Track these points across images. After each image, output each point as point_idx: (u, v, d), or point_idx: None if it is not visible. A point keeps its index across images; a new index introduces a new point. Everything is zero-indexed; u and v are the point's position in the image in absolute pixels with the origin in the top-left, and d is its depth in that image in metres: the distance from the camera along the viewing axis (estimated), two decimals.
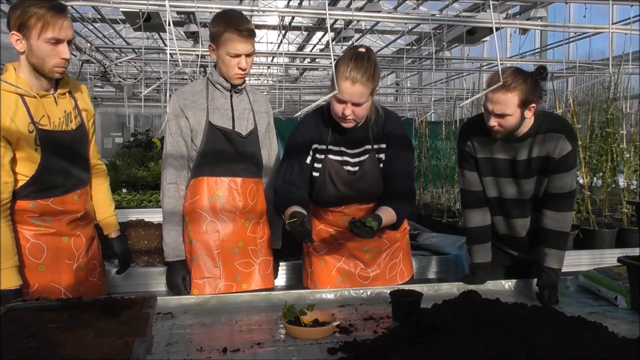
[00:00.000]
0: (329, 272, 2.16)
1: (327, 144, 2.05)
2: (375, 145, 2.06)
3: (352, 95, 1.87)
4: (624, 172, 3.76)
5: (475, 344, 1.14)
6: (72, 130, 1.90)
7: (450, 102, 7.84)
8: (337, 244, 2.16)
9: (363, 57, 1.88)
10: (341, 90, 1.86)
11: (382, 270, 2.18)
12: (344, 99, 1.88)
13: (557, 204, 2.01)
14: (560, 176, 1.99)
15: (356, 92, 1.86)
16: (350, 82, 1.85)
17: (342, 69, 1.86)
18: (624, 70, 4.85)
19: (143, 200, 5.06)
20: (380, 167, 2.06)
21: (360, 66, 1.85)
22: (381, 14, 5.35)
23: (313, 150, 2.05)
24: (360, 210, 2.09)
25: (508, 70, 1.92)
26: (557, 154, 1.96)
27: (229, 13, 2.10)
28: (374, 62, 1.90)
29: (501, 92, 1.87)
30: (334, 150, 2.06)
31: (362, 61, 1.86)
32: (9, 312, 1.37)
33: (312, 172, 2.06)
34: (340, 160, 2.06)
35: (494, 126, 1.94)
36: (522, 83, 1.88)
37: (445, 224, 3.97)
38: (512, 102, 1.88)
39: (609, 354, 1.16)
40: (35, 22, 1.70)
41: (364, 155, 2.06)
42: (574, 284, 2.05)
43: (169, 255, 2.14)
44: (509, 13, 6.69)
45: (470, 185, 2.17)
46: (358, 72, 1.84)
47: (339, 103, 1.90)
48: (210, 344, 1.45)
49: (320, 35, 9.21)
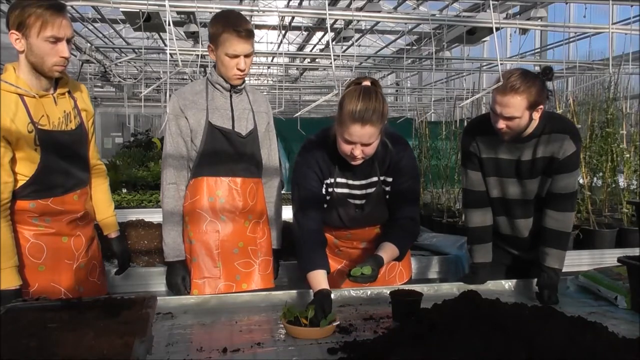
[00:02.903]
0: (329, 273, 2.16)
1: (335, 177, 1.97)
2: (382, 177, 1.98)
3: (361, 137, 1.75)
4: (624, 172, 3.76)
5: (475, 344, 1.14)
6: (71, 130, 1.90)
7: (450, 102, 7.84)
8: (337, 251, 2.16)
9: (371, 95, 1.74)
10: (350, 133, 1.74)
11: (381, 273, 2.17)
12: (353, 141, 1.77)
13: (559, 204, 2.02)
14: (563, 176, 2.00)
15: (366, 133, 1.74)
16: (360, 124, 1.72)
17: (349, 109, 1.73)
18: (624, 70, 4.85)
19: (143, 200, 5.06)
20: (386, 198, 2.00)
21: (369, 106, 1.72)
22: (381, 14, 5.35)
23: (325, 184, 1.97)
24: (364, 232, 2.07)
25: (516, 72, 1.90)
26: (561, 154, 1.97)
27: (227, 14, 2.10)
28: (382, 97, 1.77)
29: (510, 95, 1.87)
30: (341, 183, 1.98)
31: (371, 99, 1.73)
32: (9, 312, 1.37)
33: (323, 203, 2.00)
34: (347, 194, 1.99)
35: (502, 128, 1.94)
36: (530, 86, 1.87)
37: (445, 224, 3.97)
38: (520, 105, 1.87)
39: (609, 354, 1.15)
40: (34, 21, 1.70)
41: (371, 188, 1.98)
42: (574, 284, 2.05)
43: (169, 256, 2.14)
44: (509, 13, 6.69)
45: (473, 185, 2.17)
46: (367, 112, 1.71)
47: (347, 144, 1.79)
48: (210, 344, 1.45)
49: (320, 35, 9.20)
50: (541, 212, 2.08)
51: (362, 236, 2.08)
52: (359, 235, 2.08)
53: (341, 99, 1.80)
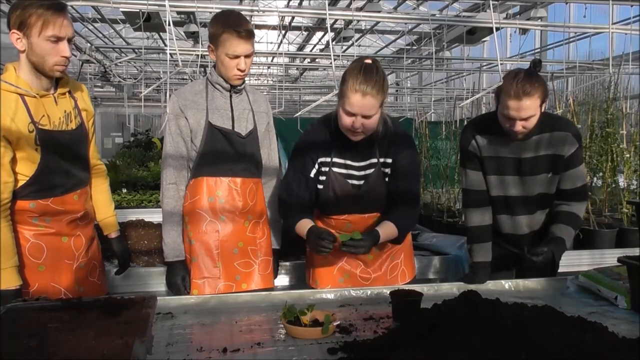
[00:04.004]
0: (330, 272, 2.16)
1: (332, 157, 2.04)
2: (381, 159, 2.04)
3: (362, 108, 1.84)
4: (624, 172, 3.76)
5: (475, 344, 1.14)
6: (72, 130, 1.90)
7: (450, 102, 7.85)
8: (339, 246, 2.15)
9: (372, 69, 1.86)
10: (351, 103, 1.84)
11: (383, 272, 2.18)
12: (354, 112, 1.86)
13: (574, 196, 2.13)
14: (573, 172, 2.11)
15: (366, 104, 1.84)
16: (361, 94, 1.82)
17: (351, 82, 1.84)
18: (624, 70, 4.86)
19: (143, 200, 5.07)
20: (385, 181, 2.06)
21: (370, 78, 1.83)
22: (381, 14, 5.35)
23: (318, 164, 2.04)
24: (363, 219, 2.08)
25: (519, 76, 1.94)
26: (566, 151, 2.07)
27: (227, 14, 2.10)
28: (382, 73, 1.88)
29: (524, 99, 1.92)
30: (339, 163, 2.04)
31: (372, 73, 1.84)
32: (9, 312, 1.37)
33: (317, 185, 2.06)
34: (345, 174, 2.04)
35: (518, 131, 2.00)
36: (537, 84, 1.94)
37: (445, 224, 3.98)
38: (535, 104, 1.95)
39: (609, 354, 1.15)
40: (35, 20, 1.70)
41: (370, 169, 2.04)
42: (574, 284, 2.05)
43: (169, 256, 2.14)
44: (509, 13, 6.70)
45: (473, 184, 2.19)
46: (368, 85, 1.82)
47: (349, 116, 1.88)
48: (210, 344, 1.45)
49: (320, 35, 9.21)
50: (544, 209, 2.16)
51: (362, 225, 2.08)
52: (358, 225, 2.07)
53: (344, 74, 1.90)
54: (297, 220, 1.95)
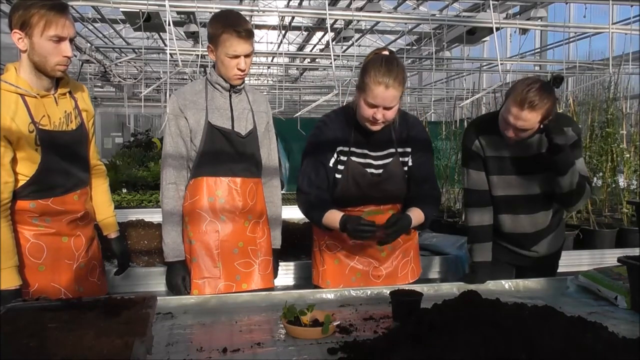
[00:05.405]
0: (342, 271, 2.15)
1: (351, 146, 2.05)
2: (399, 148, 2.08)
3: (385, 100, 1.88)
4: (624, 172, 3.76)
5: (475, 344, 1.14)
6: (72, 131, 1.90)
7: (450, 102, 7.85)
8: (352, 242, 2.14)
9: (393, 61, 1.90)
10: (374, 95, 1.87)
11: (394, 268, 2.18)
12: (377, 104, 1.89)
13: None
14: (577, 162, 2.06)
15: (389, 96, 1.87)
16: (384, 86, 1.86)
17: (373, 74, 1.87)
18: (624, 70, 4.86)
19: (143, 200, 5.06)
20: (404, 170, 2.09)
21: (392, 70, 1.87)
22: (381, 14, 5.36)
23: (337, 152, 2.06)
24: (378, 211, 2.09)
25: (535, 86, 1.90)
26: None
27: (227, 14, 2.10)
28: (402, 65, 1.93)
29: (527, 110, 1.90)
30: (357, 153, 2.06)
31: (393, 65, 1.88)
32: (9, 312, 1.37)
33: (335, 174, 2.07)
34: (363, 163, 2.07)
35: (511, 137, 2.00)
36: (547, 102, 1.90)
37: (445, 224, 3.97)
38: (535, 120, 1.92)
39: (609, 354, 1.15)
40: (37, 20, 1.70)
41: (388, 158, 2.07)
42: (574, 284, 2.05)
43: (169, 256, 2.14)
44: (509, 13, 6.70)
45: (475, 184, 2.19)
46: (390, 77, 1.86)
47: (370, 107, 1.91)
48: (210, 344, 1.45)
49: (320, 35, 9.21)
50: (546, 209, 2.16)
51: (378, 219, 2.06)
52: (375, 218, 2.04)
53: (364, 66, 1.94)
54: (324, 212, 1.96)
